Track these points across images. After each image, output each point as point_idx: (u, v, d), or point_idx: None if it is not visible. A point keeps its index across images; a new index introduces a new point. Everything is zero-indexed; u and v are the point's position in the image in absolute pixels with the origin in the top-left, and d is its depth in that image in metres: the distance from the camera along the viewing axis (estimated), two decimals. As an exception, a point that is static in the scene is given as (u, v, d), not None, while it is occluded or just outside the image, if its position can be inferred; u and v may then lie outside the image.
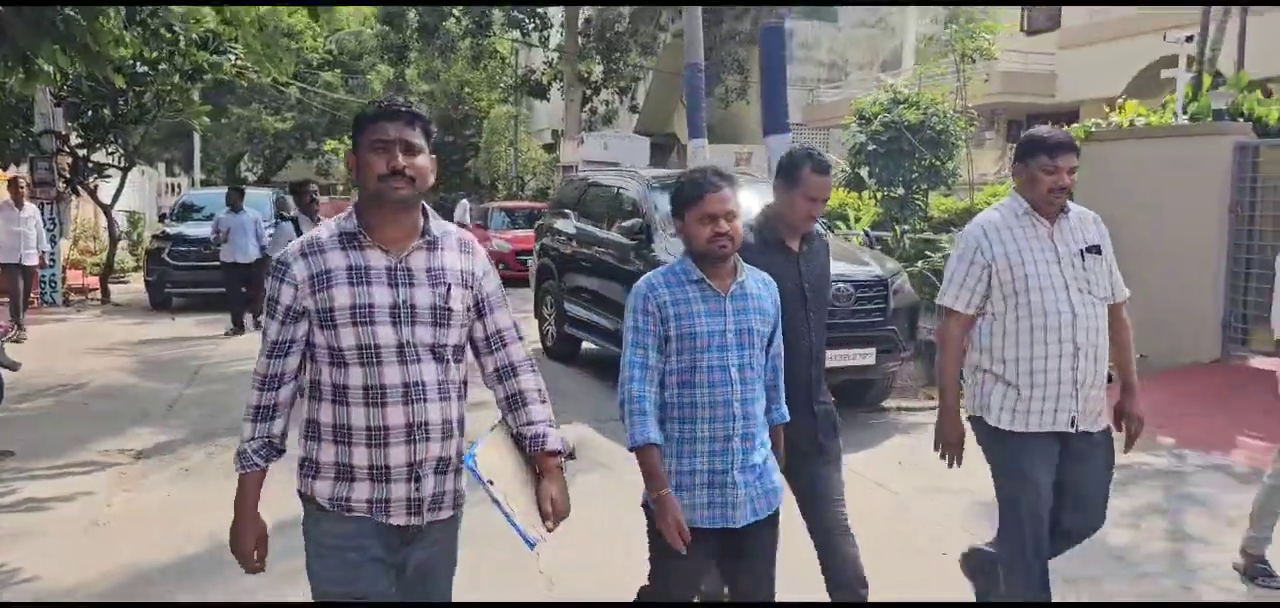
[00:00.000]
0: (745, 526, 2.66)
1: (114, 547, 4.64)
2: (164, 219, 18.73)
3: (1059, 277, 3.16)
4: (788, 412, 2.88)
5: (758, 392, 2.69)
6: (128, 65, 11.69)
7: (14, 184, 11.67)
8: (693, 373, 2.61)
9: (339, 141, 34.91)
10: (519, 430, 2.32)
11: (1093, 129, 9.76)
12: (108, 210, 16.06)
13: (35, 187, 13.58)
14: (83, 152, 15.32)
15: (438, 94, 32.38)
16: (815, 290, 3.18)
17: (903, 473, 5.96)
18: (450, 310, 2.22)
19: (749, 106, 22.08)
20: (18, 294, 11.04)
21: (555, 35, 27.03)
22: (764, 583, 2.80)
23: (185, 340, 11.19)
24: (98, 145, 15.57)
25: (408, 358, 2.17)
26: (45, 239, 11.90)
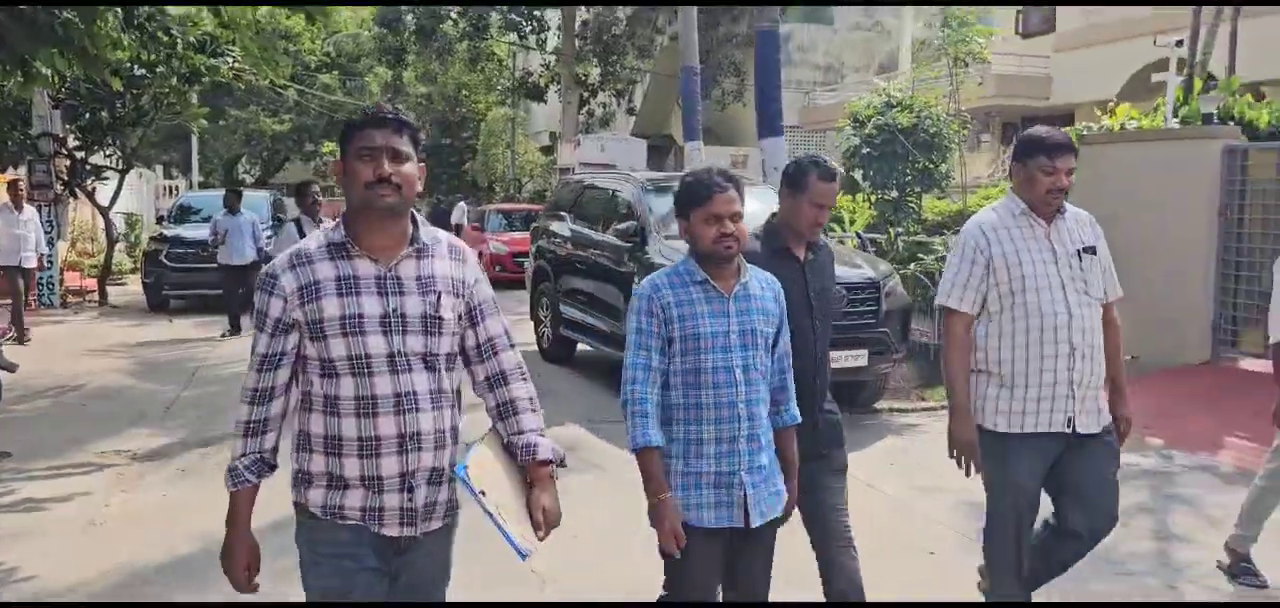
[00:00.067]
0: (751, 527, 2.66)
1: (111, 547, 4.68)
2: (162, 221, 18.75)
3: (1056, 277, 3.17)
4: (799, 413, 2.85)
5: (762, 393, 2.69)
6: (125, 68, 11.70)
7: (13, 187, 11.72)
8: (697, 374, 2.61)
9: (336, 144, 34.76)
10: (510, 440, 2.29)
11: (1084, 133, 9.80)
12: (105, 212, 16.10)
13: (33, 189, 13.60)
14: (80, 154, 15.35)
15: (435, 96, 32.43)
16: (821, 299, 3.17)
17: (895, 474, 6.01)
18: (441, 319, 2.19)
19: (745, 109, 22.07)
20: (18, 297, 11.05)
21: (552, 38, 27.09)
22: (762, 583, 2.81)
23: (182, 342, 11.23)
24: (95, 148, 15.62)
25: (399, 368, 2.13)
26: (44, 241, 11.93)
